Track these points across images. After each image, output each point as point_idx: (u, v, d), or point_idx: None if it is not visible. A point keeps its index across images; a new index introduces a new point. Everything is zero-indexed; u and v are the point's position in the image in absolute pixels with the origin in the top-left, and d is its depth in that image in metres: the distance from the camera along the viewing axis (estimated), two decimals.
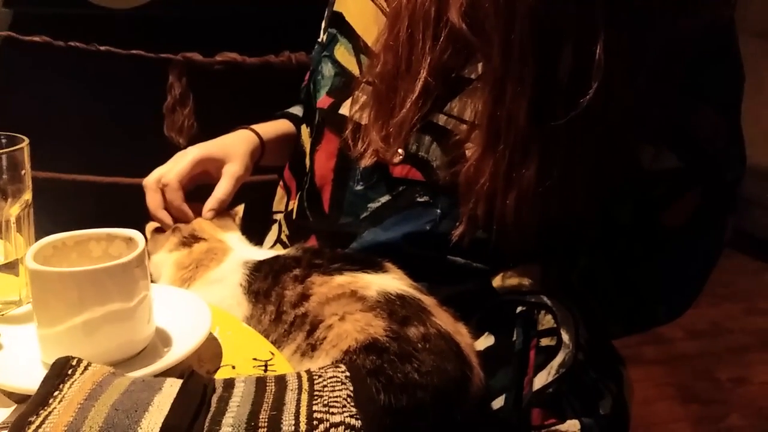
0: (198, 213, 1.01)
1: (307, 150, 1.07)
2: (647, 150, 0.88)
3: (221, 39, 1.84)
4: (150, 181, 1.02)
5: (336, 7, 1.04)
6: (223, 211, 1.03)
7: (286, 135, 1.17)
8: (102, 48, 1.74)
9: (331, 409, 0.59)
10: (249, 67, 1.81)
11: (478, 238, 0.88)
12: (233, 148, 1.07)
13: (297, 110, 1.21)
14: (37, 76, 1.80)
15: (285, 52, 1.82)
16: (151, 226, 1.02)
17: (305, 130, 1.09)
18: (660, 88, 0.85)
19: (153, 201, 1.01)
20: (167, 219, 1.00)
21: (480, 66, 0.87)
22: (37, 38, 1.73)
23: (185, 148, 1.07)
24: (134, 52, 1.75)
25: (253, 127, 1.13)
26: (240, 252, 0.96)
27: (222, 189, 1.03)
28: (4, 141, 0.81)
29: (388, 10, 0.93)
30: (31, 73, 1.80)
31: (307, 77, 1.19)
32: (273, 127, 1.16)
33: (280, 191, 1.15)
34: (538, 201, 0.84)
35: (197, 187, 1.05)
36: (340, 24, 1.01)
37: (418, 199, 0.91)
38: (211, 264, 0.94)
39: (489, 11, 0.82)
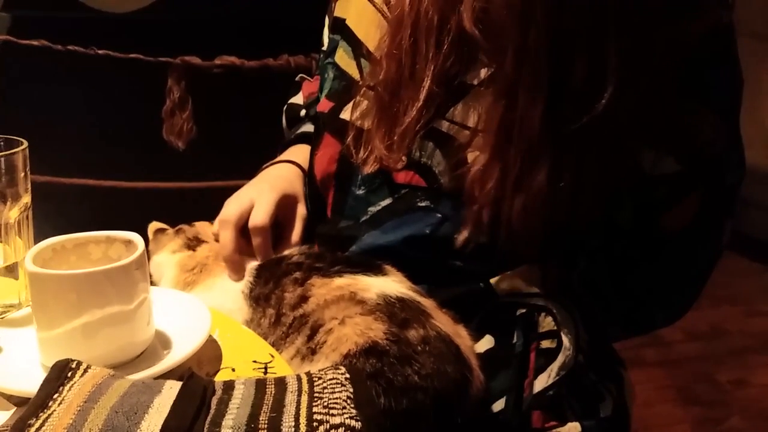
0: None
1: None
2: (648, 154, 0.88)
3: (220, 42, 1.84)
4: (231, 217, 0.97)
5: (337, 13, 1.04)
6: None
7: None
8: (100, 52, 1.73)
9: (331, 411, 0.59)
10: (248, 70, 1.81)
11: (479, 241, 0.88)
12: (298, 189, 1.05)
13: (309, 128, 1.17)
14: (36, 79, 1.80)
15: (283, 56, 1.82)
16: (153, 226, 1.01)
17: None
18: (661, 91, 0.85)
19: (232, 242, 0.95)
20: (241, 265, 0.95)
21: (483, 72, 0.87)
22: (35, 42, 1.73)
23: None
24: (132, 55, 1.74)
25: (294, 160, 1.10)
26: None
27: (298, 234, 1.02)
28: (2, 144, 0.81)
29: (389, 15, 0.93)
30: (29, 77, 1.80)
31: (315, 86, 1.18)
32: (305, 157, 1.10)
33: None
34: (545, 206, 0.84)
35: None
36: (341, 29, 1.01)
37: (419, 204, 0.91)
38: (216, 269, 0.94)
39: (504, 18, 0.82)
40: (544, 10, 0.79)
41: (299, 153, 1.12)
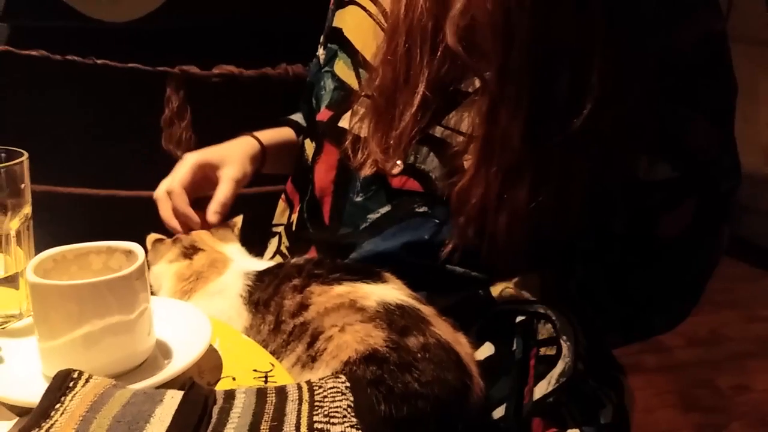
0: (204, 221, 1.02)
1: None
2: (642, 160, 0.88)
3: (218, 52, 1.84)
4: (159, 192, 1.03)
5: (335, 23, 1.05)
6: (222, 223, 1.03)
7: (289, 141, 1.18)
8: (99, 61, 1.74)
9: (332, 420, 0.59)
10: (246, 79, 1.81)
11: (473, 248, 0.88)
12: (231, 153, 1.08)
13: (298, 117, 1.21)
14: (35, 89, 1.80)
15: (282, 65, 1.82)
16: (151, 237, 1.02)
17: (310, 145, 1.09)
18: (654, 99, 0.85)
19: (164, 211, 1.02)
20: (179, 226, 1.01)
21: (477, 80, 0.88)
22: (34, 52, 1.73)
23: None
24: (131, 65, 1.75)
25: (255, 133, 1.14)
26: (240, 263, 0.96)
27: (222, 191, 1.03)
28: (3, 155, 0.81)
29: (385, 25, 0.93)
30: (28, 87, 1.80)
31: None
32: (274, 134, 1.17)
33: (282, 204, 1.15)
34: (530, 219, 0.84)
35: (201, 198, 1.05)
36: (339, 40, 1.02)
37: (417, 210, 0.91)
38: (212, 276, 0.94)
39: (487, 35, 0.82)
40: (527, 30, 0.80)
41: (269, 131, 1.16)
